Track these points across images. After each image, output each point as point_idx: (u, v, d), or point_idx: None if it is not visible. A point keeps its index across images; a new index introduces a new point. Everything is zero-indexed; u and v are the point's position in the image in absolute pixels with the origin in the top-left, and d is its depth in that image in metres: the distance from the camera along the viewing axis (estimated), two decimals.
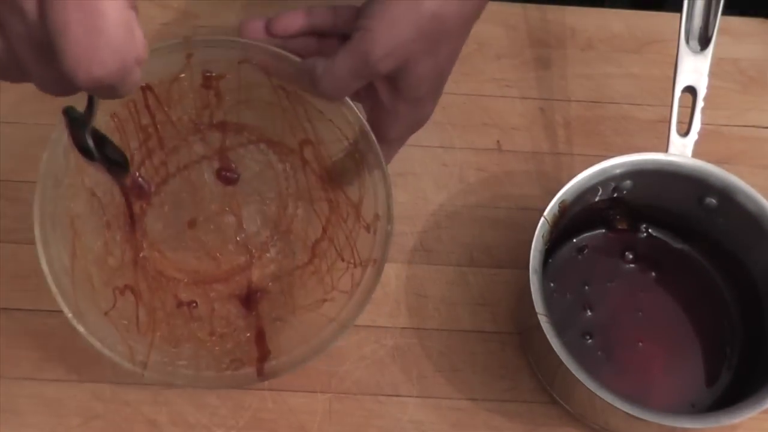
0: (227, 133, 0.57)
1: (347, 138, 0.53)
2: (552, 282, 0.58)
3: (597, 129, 0.67)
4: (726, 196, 0.55)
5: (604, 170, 0.55)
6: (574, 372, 0.49)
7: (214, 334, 0.55)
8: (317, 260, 0.57)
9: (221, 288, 0.58)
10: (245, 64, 0.52)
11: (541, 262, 0.52)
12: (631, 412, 0.48)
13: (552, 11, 0.72)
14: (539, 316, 0.50)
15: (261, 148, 0.58)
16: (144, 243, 0.56)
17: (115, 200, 0.54)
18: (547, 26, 0.71)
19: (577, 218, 0.57)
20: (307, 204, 0.58)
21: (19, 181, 0.61)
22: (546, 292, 0.52)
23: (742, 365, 0.56)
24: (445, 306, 0.60)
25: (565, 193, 0.54)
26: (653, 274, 0.60)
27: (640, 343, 0.57)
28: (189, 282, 0.57)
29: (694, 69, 0.56)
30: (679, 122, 0.56)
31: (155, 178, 0.57)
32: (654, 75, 0.69)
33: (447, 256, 0.62)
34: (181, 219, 0.58)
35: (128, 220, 0.55)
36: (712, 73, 0.57)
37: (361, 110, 0.52)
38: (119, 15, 0.31)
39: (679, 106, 0.56)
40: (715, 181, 0.55)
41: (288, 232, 0.59)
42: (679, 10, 0.57)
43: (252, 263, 0.59)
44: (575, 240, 0.60)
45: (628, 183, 0.56)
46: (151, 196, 0.56)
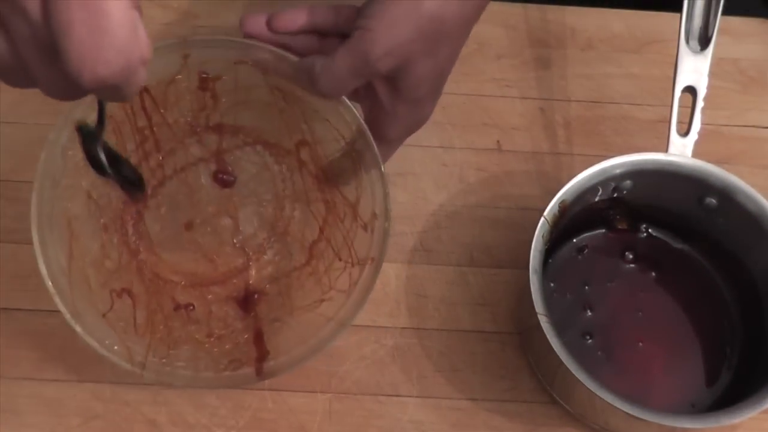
0: (224, 136, 0.57)
1: (344, 137, 0.53)
2: (552, 282, 0.58)
3: (597, 129, 0.67)
4: (726, 196, 0.55)
5: (604, 170, 0.55)
6: (574, 372, 0.49)
7: (212, 336, 0.55)
8: (315, 261, 0.57)
9: (218, 290, 0.58)
10: (242, 65, 0.52)
11: (541, 262, 0.52)
12: (631, 412, 0.48)
13: (552, 11, 0.72)
14: (539, 316, 0.50)
15: (257, 150, 0.58)
16: (141, 246, 0.56)
17: (112, 203, 0.54)
18: (547, 26, 0.71)
19: (577, 218, 0.57)
20: (304, 205, 0.58)
21: (19, 181, 0.61)
22: (546, 292, 0.52)
23: (742, 365, 0.56)
24: (445, 306, 0.60)
25: (565, 193, 0.54)
26: (653, 274, 0.60)
27: (640, 343, 0.57)
28: (186, 284, 0.57)
29: (694, 69, 0.56)
30: (679, 122, 0.56)
31: (152, 181, 0.57)
32: (654, 75, 0.69)
33: (447, 256, 0.62)
34: (178, 221, 0.58)
35: (128, 220, 0.55)
36: (712, 73, 0.57)
37: (358, 109, 0.52)
38: (123, 14, 0.31)
39: (679, 106, 0.56)
40: (715, 181, 0.55)
41: (285, 233, 0.59)
42: (679, 10, 0.57)
43: (249, 265, 0.59)
44: (575, 240, 0.60)
45: (628, 183, 0.56)
46: (147, 199, 0.56)
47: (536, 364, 0.57)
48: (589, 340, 0.57)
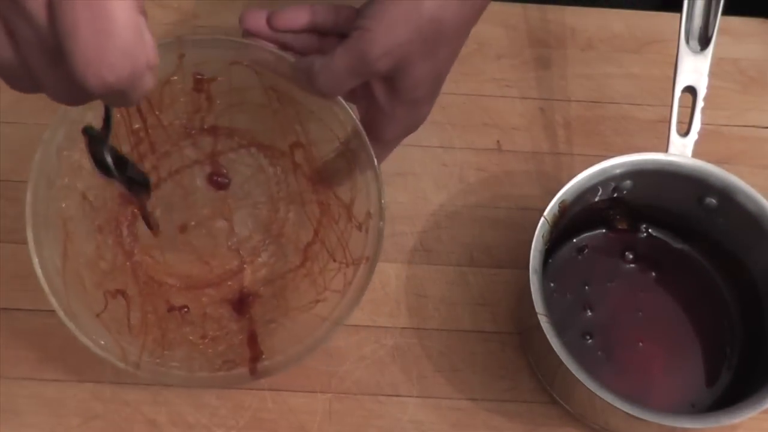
0: (218, 138, 0.57)
1: (339, 138, 0.53)
2: (552, 282, 0.58)
3: (597, 129, 0.67)
4: (726, 196, 0.55)
5: (604, 170, 0.55)
6: (574, 372, 0.49)
7: (207, 338, 0.55)
8: (309, 263, 0.57)
9: (213, 293, 0.58)
10: (237, 66, 0.52)
11: (541, 262, 0.52)
12: (631, 412, 0.48)
13: (552, 11, 0.72)
14: (539, 316, 0.50)
15: (252, 152, 0.58)
16: (135, 247, 0.56)
17: (107, 205, 0.54)
18: (547, 26, 0.71)
19: (577, 218, 0.57)
20: (299, 207, 0.58)
21: (19, 181, 0.61)
22: (546, 292, 0.52)
23: (742, 365, 0.56)
24: (445, 306, 0.60)
25: (565, 193, 0.54)
26: (653, 274, 0.60)
27: (640, 343, 0.57)
28: (181, 287, 0.57)
29: (694, 69, 0.56)
30: (679, 122, 0.56)
31: None
32: (654, 75, 0.69)
33: (447, 256, 0.62)
34: (173, 224, 0.58)
35: (123, 222, 0.55)
36: (712, 73, 0.57)
37: (353, 109, 0.52)
38: (128, 18, 0.30)
39: (679, 106, 0.56)
40: (715, 181, 0.55)
41: (279, 235, 0.59)
42: (679, 10, 0.57)
43: (244, 267, 0.59)
44: (575, 240, 0.60)
45: (628, 183, 0.56)
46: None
47: (536, 364, 0.57)
48: (589, 340, 0.57)
